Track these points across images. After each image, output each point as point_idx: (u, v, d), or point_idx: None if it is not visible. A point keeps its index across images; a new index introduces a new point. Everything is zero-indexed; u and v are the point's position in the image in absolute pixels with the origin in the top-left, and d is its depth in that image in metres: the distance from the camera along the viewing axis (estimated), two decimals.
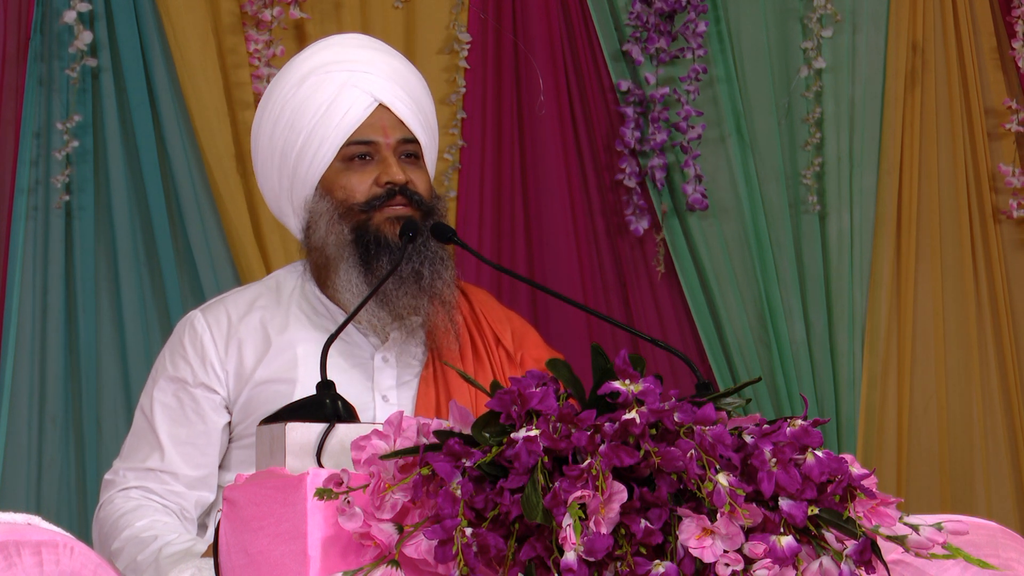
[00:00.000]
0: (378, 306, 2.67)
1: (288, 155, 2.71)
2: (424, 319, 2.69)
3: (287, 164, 2.72)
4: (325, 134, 2.69)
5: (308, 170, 2.70)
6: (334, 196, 2.69)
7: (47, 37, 3.75)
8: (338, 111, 2.69)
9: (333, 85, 2.70)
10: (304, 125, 2.69)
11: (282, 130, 2.72)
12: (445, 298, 2.70)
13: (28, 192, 3.71)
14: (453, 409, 1.89)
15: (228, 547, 2.01)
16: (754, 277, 4.21)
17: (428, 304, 2.68)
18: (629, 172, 4.14)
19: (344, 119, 2.69)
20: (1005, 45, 4.41)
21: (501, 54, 4.11)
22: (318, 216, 2.71)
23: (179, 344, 2.74)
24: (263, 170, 2.78)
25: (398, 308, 2.67)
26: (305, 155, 2.70)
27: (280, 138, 2.72)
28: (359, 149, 2.70)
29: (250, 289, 2.83)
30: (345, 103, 2.69)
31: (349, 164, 2.70)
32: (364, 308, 2.62)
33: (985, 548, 2.16)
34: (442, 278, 2.70)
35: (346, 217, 2.69)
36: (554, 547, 1.78)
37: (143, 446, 2.70)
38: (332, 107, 2.69)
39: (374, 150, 2.70)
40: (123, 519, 2.61)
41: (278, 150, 2.73)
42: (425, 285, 2.67)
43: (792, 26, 4.30)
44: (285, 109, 2.72)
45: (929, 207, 4.35)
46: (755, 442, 1.86)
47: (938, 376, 4.31)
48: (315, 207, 2.71)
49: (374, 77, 2.71)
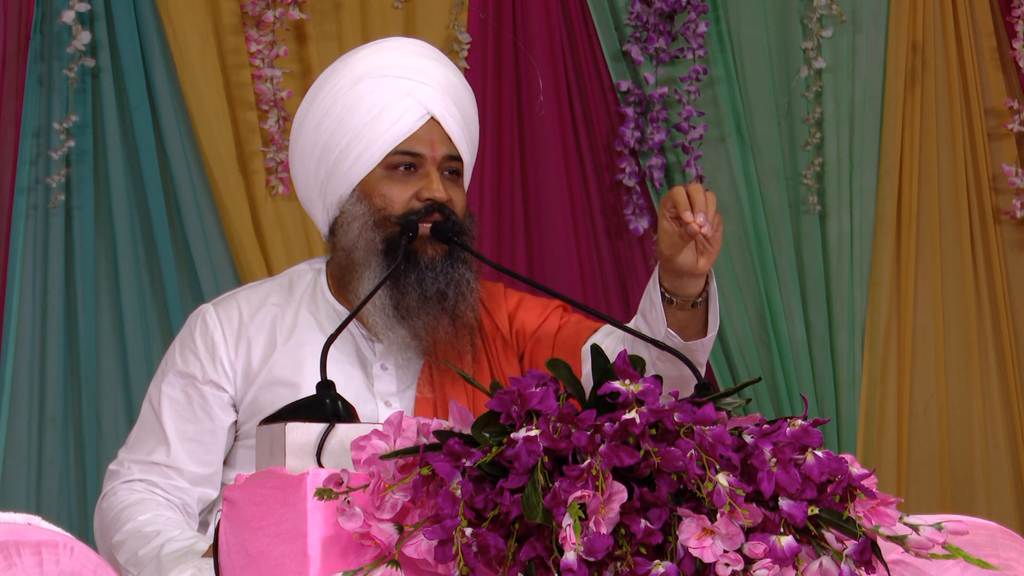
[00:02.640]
0: (397, 320, 2.67)
1: (330, 150, 2.70)
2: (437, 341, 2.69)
3: (327, 158, 2.71)
4: (372, 138, 2.67)
5: (349, 170, 2.69)
6: (372, 202, 2.68)
7: (47, 37, 3.75)
8: (389, 118, 2.67)
9: (388, 91, 2.68)
10: (352, 125, 2.68)
11: (329, 125, 2.70)
12: (467, 321, 2.70)
13: (28, 191, 3.71)
14: (453, 409, 1.89)
15: (228, 547, 2.01)
16: (754, 277, 4.21)
17: (448, 325, 2.68)
18: (629, 172, 4.14)
19: (394, 127, 2.67)
20: (1005, 45, 4.41)
21: (501, 54, 4.11)
22: (352, 218, 2.70)
23: (190, 338, 2.74)
24: (301, 159, 2.76)
25: (416, 328, 2.67)
26: (348, 155, 2.69)
27: (326, 132, 2.70)
28: (404, 159, 2.68)
29: (263, 285, 2.82)
30: (397, 111, 2.68)
31: (392, 173, 2.69)
32: (383, 321, 2.63)
33: (985, 548, 2.16)
34: (466, 300, 2.69)
35: (380, 226, 2.67)
36: (554, 547, 1.78)
37: (149, 439, 2.70)
38: (384, 113, 2.67)
39: (419, 162, 2.69)
40: (126, 512, 2.61)
41: (321, 143, 2.71)
42: (448, 307, 2.67)
43: (792, 26, 4.30)
44: (336, 105, 2.70)
45: (929, 207, 4.35)
46: (755, 442, 1.86)
47: (938, 376, 4.31)
48: (350, 208, 2.70)
49: (430, 89, 2.70)
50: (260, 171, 3.88)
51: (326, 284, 2.78)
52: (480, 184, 4.04)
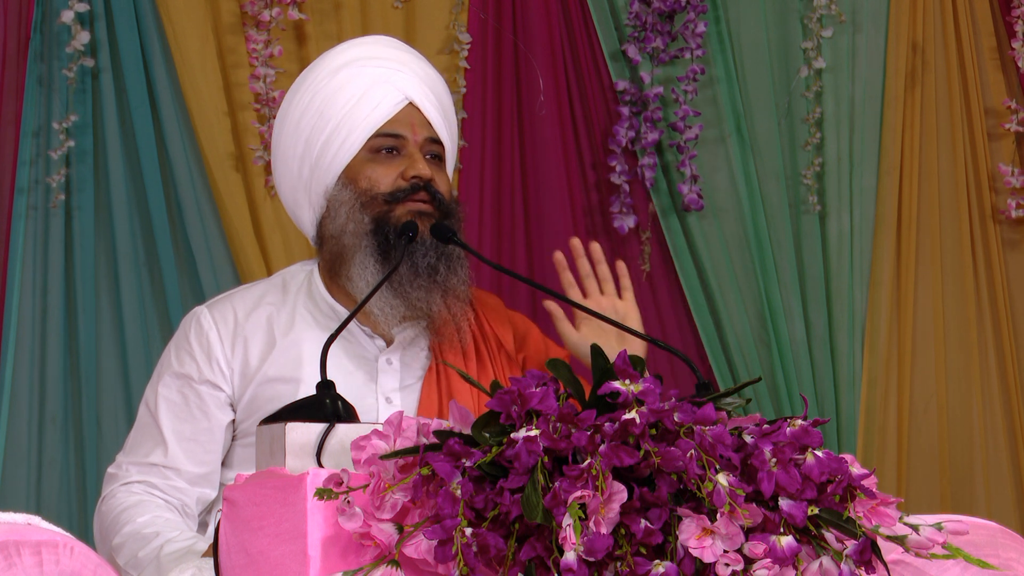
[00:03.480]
0: (392, 295, 2.68)
1: (313, 143, 2.73)
2: (434, 315, 2.70)
3: (311, 152, 2.73)
4: (354, 124, 2.72)
5: (333, 159, 2.72)
6: (358, 185, 2.72)
7: (47, 37, 3.75)
8: (369, 103, 2.72)
9: (366, 79, 2.74)
10: (334, 114, 2.72)
11: (310, 118, 2.74)
12: (459, 294, 2.73)
13: (27, 192, 3.71)
14: (453, 409, 1.89)
15: (228, 547, 2.01)
16: (754, 277, 4.21)
17: (440, 300, 2.70)
18: (619, 171, 4.14)
19: (375, 112, 2.72)
20: (1005, 45, 4.40)
21: (501, 54, 4.11)
22: (338, 205, 2.72)
23: (185, 340, 2.75)
24: (283, 159, 2.78)
25: (411, 299, 2.69)
26: (332, 144, 2.72)
27: (307, 126, 2.74)
28: (387, 142, 2.73)
29: (257, 286, 2.84)
30: (376, 96, 2.73)
31: (375, 156, 2.73)
32: (377, 296, 2.65)
33: (985, 548, 2.16)
34: (457, 275, 2.72)
35: (368, 207, 2.71)
36: (554, 547, 1.78)
37: (146, 441, 2.71)
38: (363, 99, 2.72)
39: (401, 144, 2.73)
40: (125, 514, 2.62)
41: (303, 138, 2.74)
42: (440, 280, 2.70)
43: (792, 26, 4.30)
44: (315, 98, 2.74)
45: (929, 207, 4.35)
46: (755, 442, 1.86)
47: (938, 376, 4.31)
48: (336, 196, 2.73)
49: (407, 76, 2.76)
50: (260, 171, 3.88)
51: (320, 281, 2.79)
52: (480, 184, 4.04)
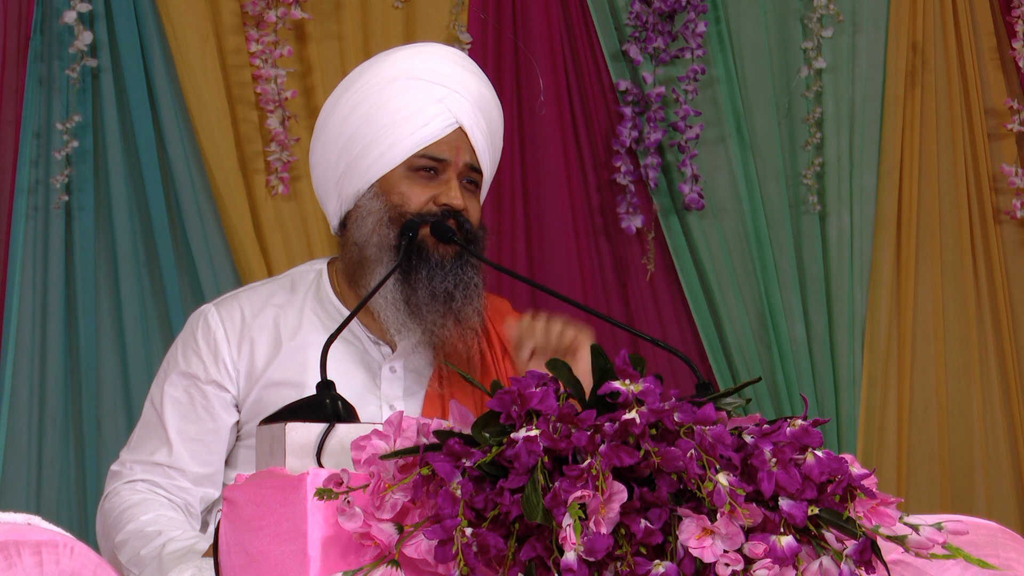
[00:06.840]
0: (409, 316, 2.68)
1: (355, 143, 2.71)
2: (445, 340, 2.70)
3: (351, 151, 2.72)
4: (398, 138, 2.69)
5: (371, 165, 2.70)
6: (389, 199, 2.70)
7: (47, 37, 3.75)
8: (418, 120, 2.69)
9: (420, 94, 2.70)
10: (381, 123, 2.69)
11: (357, 119, 2.71)
12: (471, 324, 2.71)
13: (28, 192, 3.71)
14: (453, 409, 1.89)
15: (228, 547, 2.01)
16: (754, 277, 4.21)
17: (452, 326, 2.69)
18: (624, 171, 4.14)
19: (421, 131, 2.69)
20: (1005, 45, 4.40)
21: (501, 54, 4.11)
22: (367, 213, 2.71)
23: (192, 339, 2.74)
24: (324, 149, 2.77)
25: (427, 323, 2.68)
26: (372, 150, 2.70)
27: (352, 125, 2.71)
28: (427, 163, 2.70)
29: (265, 286, 2.83)
30: (426, 116, 2.69)
31: (413, 174, 2.70)
32: (395, 315, 2.64)
33: (985, 548, 2.16)
34: (472, 304, 2.71)
35: (395, 222, 2.69)
36: (554, 547, 1.78)
37: (151, 439, 2.71)
38: (413, 115, 2.69)
39: (441, 168, 2.71)
40: (128, 512, 2.62)
41: (346, 135, 2.72)
42: (455, 308, 2.68)
43: (792, 26, 4.30)
44: (367, 100, 2.71)
45: (929, 207, 4.35)
46: (755, 442, 1.86)
47: (938, 376, 4.31)
48: (366, 203, 2.71)
49: (462, 99, 2.72)
50: (260, 171, 3.89)
51: (329, 285, 2.78)
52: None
